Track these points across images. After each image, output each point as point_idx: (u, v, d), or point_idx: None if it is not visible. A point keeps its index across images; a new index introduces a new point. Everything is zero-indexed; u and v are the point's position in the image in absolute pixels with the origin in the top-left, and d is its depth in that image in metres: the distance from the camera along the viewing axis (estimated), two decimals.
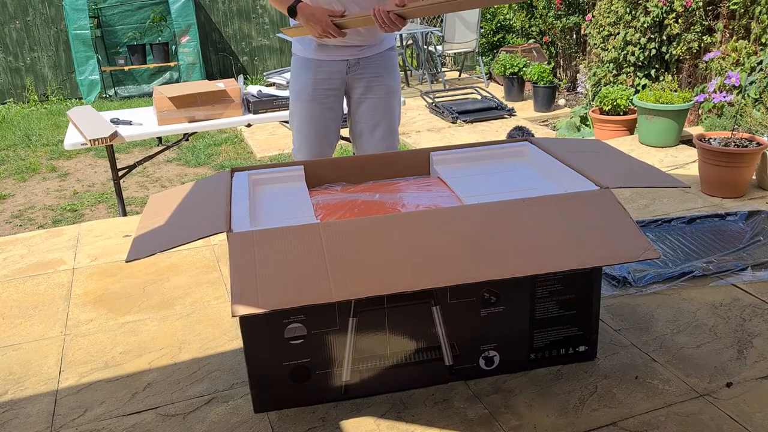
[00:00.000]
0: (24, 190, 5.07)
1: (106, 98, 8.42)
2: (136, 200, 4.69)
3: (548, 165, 2.11)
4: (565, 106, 6.52)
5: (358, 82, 2.46)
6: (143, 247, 1.70)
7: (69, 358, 2.15)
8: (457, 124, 6.10)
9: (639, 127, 4.25)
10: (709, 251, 2.63)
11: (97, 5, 8.39)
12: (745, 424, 1.70)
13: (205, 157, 5.63)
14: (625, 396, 1.83)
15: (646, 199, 3.24)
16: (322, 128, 2.51)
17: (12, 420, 1.87)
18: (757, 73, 4.08)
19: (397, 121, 2.54)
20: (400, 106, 2.54)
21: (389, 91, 2.48)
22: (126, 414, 1.86)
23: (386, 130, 2.50)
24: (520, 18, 7.40)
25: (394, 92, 2.49)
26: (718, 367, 1.94)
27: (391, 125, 2.52)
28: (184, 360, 2.11)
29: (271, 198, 2.04)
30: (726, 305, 2.26)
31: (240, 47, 9.19)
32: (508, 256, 1.59)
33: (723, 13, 4.54)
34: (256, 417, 1.82)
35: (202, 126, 3.57)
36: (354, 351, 1.81)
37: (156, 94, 3.54)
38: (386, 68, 2.46)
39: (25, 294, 2.61)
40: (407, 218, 1.69)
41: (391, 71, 2.48)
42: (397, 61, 2.49)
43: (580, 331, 1.95)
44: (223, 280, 2.63)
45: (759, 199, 3.18)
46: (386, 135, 2.50)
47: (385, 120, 2.50)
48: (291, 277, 1.52)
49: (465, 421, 1.76)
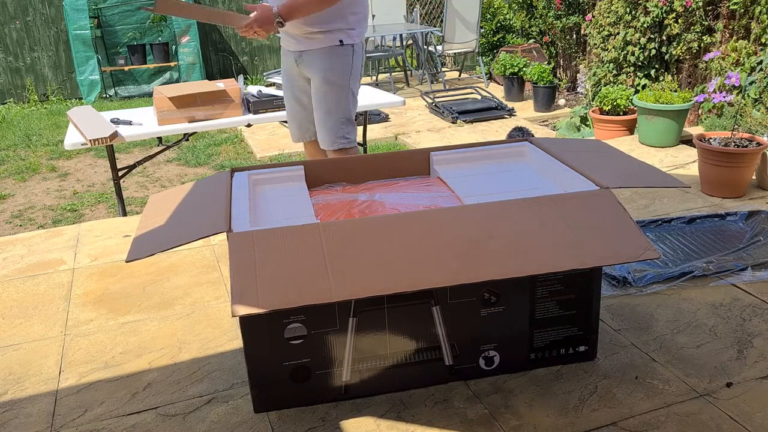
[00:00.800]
0: (24, 190, 5.07)
1: (106, 98, 8.42)
2: (136, 200, 4.69)
3: (548, 165, 2.11)
4: (565, 106, 6.52)
5: (305, 72, 2.76)
6: (143, 247, 1.70)
7: (69, 358, 2.15)
8: (457, 124, 6.10)
9: (639, 127, 4.25)
10: (709, 251, 2.63)
11: (97, 5, 8.39)
12: (745, 424, 1.70)
13: (205, 157, 5.63)
14: (625, 396, 1.83)
15: (646, 199, 3.24)
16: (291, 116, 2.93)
17: (12, 420, 1.87)
18: (757, 73, 4.08)
19: (330, 115, 2.72)
20: (335, 99, 2.70)
21: (323, 81, 2.68)
22: (126, 414, 1.86)
23: (314, 118, 2.80)
24: (520, 18, 7.40)
25: (328, 83, 2.67)
26: (718, 367, 1.94)
27: (319, 115, 2.74)
28: (184, 360, 2.11)
29: (271, 198, 2.04)
30: (726, 305, 2.26)
31: (240, 47, 9.19)
32: (508, 256, 1.59)
33: (723, 13, 4.55)
34: (256, 417, 1.82)
35: (202, 126, 3.57)
36: (354, 351, 1.81)
37: (156, 94, 3.54)
38: (324, 63, 2.67)
39: (25, 294, 2.61)
40: (407, 218, 1.69)
41: (332, 65, 2.66)
42: (339, 58, 2.66)
43: (580, 331, 1.95)
44: (223, 280, 2.63)
45: (759, 199, 3.18)
46: (314, 122, 2.81)
47: (317, 110, 2.74)
48: (291, 277, 1.52)
49: (465, 421, 1.76)
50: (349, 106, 2.71)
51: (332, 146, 2.73)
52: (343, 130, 2.71)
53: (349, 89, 2.68)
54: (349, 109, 2.71)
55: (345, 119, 2.71)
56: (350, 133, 2.73)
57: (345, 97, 2.68)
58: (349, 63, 2.65)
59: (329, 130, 2.71)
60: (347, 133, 2.72)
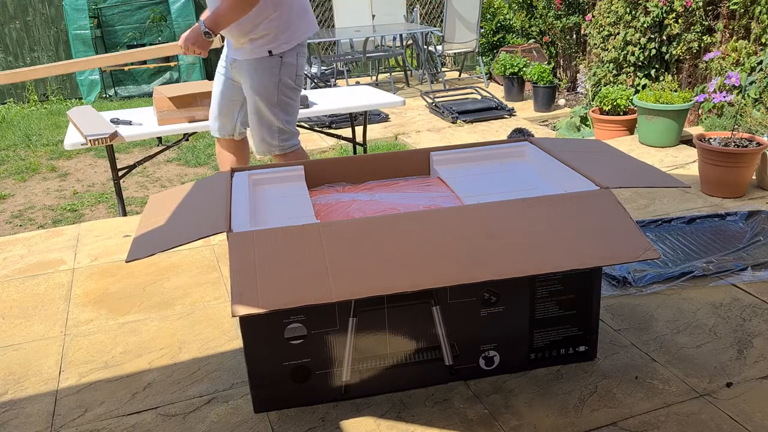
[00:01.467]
0: (24, 190, 5.07)
1: (106, 98, 8.42)
2: (136, 200, 4.69)
3: (548, 165, 2.11)
4: (565, 106, 6.52)
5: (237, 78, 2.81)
6: (143, 247, 1.70)
7: (69, 358, 2.15)
8: (457, 124, 6.10)
9: (639, 127, 4.25)
10: (709, 251, 2.63)
11: (97, 5, 8.39)
12: (745, 424, 1.70)
13: (205, 157, 5.63)
14: (625, 396, 1.83)
15: (646, 199, 3.24)
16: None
17: (12, 420, 1.87)
18: (757, 73, 4.08)
19: (256, 120, 2.75)
20: (261, 107, 2.72)
21: (249, 89, 2.71)
22: (126, 414, 1.86)
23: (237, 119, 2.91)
24: (520, 18, 7.40)
25: (254, 91, 2.69)
26: (718, 367, 1.94)
27: (252, 120, 2.77)
28: (184, 360, 2.11)
29: (271, 198, 2.04)
30: (726, 305, 2.26)
31: None
32: (508, 256, 1.59)
33: (723, 13, 4.55)
34: (256, 417, 1.82)
35: (202, 126, 3.57)
36: (354, 351, 1.81)
37: (156, 94, 3.54)
38: (248, 70, 2.68)
39: (25, 294, 2.61)
40: (407, 218, 1.70)
41: (252, 75, 2.68)
42: (261, 69, 2.67)
43: (580, 331, 1.95)
44: (223, 280, 2.63)
45: (759, 199, 3.18)
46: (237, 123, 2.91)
47: (250, 114, 2.78)
48: (291, 277, 1.52)
49: (465, 421, 1.76)
50: (279, 116, 2.70)
51: (259, 154, 2.80)
52: (274, 138, 2.74)
53: (277, 102, 2.67)
54: (279, 118, 2.71)
55: (276, 128, 2.72)
56: (283, 140, 2.75)
57: (274, 108, 2.68)
58: (276, 75, 2.63)
59: (259, 138, 2.76)
60: (280, 141, 2.75)
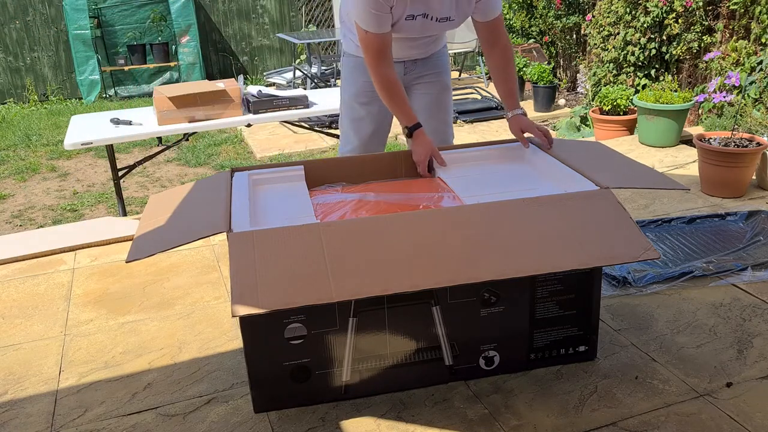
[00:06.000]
0: (24, 190, 5.07)
1: (106, 98, 8.42)
2: (136, 200, 4.69)
3: (548, 165, 2.11)
4: (565, 106, 6.52)
5: (415, 80, 2.54)
6: (143, 247, 1.70)
7: (69, 358, 2.15)
8: (457, 124, 6.10)
9: (639, 127, 4.25)
10: (709, 251, 2.63)
11: (97, 5, 8.39)
12: (745, 424, 1.70)
13: (205, 157, 5.63)
14: (625, 396, 1.83)
15: (646, 199, 3.24)
16: (377, 128, 2.59)
17: (12, 420, 1.87)
18: (757, 73, 4.08)
19: (451, 115, 2.65)
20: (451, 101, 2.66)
21: (443, 87, 2.57)
22: (126, 414, 1.86)
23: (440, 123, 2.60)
24: (520, 18, 7.40)
25: (447, 88, 2.59)
26: (718, 367, 1.94)
27: (446, 119, 2.62)
28: (184, 360, 2.11)
29: (271, 198, 2.04)
30: (726, 305, 2.26)
31: (240, 47, 9.18)
32: (508, 256, 1.59)
33: (723, 13, 4.54)
34: (256, 417, 1.82)
35: (202, 126, 3.57)
36: (354, 351, 1.81)
37: (156, 94, 3.54)
38: (440, 65, 2.56)
39: (25, 294, 2.61)
40: (407, 218, 1.69)
41: (446, 68, 2.59)
42: (448, 59, 2.62)
43: (580, 331, 1.95)
44: (223, 280, 2.63)
45: (759, 199, 3.18)
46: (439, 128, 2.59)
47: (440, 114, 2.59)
48: (291, 277, 1.52)
49: (465, 421, 1.76)
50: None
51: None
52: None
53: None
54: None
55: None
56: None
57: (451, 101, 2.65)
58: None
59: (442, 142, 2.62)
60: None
